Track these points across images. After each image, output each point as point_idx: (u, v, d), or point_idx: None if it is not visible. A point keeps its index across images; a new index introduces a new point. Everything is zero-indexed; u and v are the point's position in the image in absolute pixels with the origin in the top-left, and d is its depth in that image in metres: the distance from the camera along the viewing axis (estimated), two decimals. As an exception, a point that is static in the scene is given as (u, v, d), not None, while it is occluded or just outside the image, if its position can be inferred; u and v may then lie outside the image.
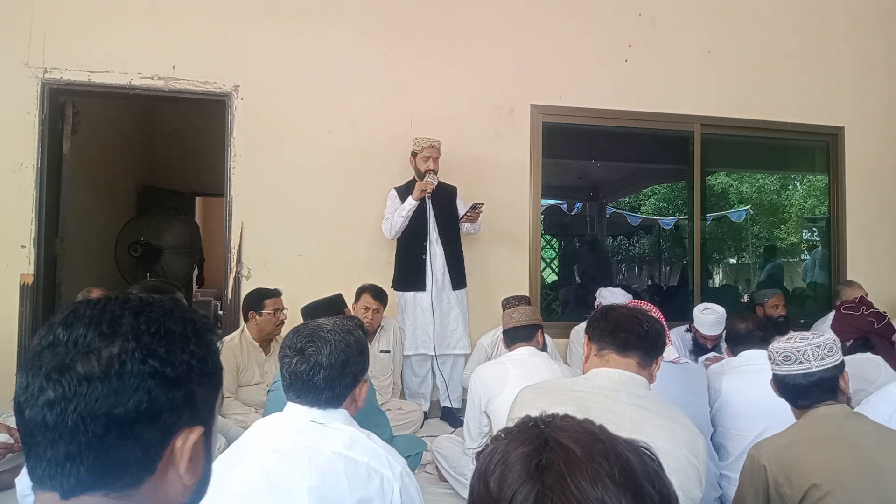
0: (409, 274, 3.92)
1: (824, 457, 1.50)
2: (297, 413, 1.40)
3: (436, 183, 3.84)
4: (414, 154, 3.96)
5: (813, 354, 1.66)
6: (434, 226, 3.93)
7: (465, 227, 4.01)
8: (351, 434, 1.35)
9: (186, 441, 0.64)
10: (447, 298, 3.93)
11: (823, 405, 1.63)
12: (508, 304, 3.98)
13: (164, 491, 0.64)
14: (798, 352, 1.67)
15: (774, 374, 1.72)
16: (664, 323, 2.41)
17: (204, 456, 0.69)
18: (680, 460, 1.25)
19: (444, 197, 4.01)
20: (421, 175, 3.88)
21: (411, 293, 3.92)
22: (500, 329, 4.02)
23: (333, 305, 2.86)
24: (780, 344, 1.72)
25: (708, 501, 2.25)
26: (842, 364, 1.67)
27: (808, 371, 1.65)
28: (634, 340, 1.43)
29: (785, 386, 1.69)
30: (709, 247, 7.63)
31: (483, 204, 3.86)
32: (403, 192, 3.93)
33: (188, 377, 0.65)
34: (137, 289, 2.71)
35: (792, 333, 1.74)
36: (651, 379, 1.46)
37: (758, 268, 8.28)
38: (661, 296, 7.04)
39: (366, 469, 1.30)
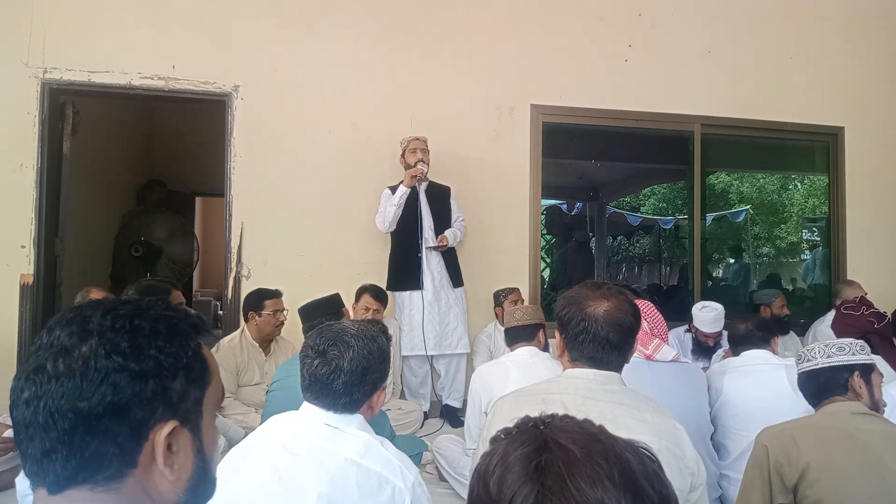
0: (405, 273, 3.91)
1: (822, 441, 1.54)
2: (312, 414, 1.38)
3: (426, 170, 3.87)
4: (402, 154, 3.99)
5: (820, 352, 1.74)
6: (430, 224, 3.93)
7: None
8: (365, 441, 1.33)
9: (159, 435, 0.65)
10: (446, 297, 3.93)
11: (834, 401, 1.66)
12: (501, 295, 4.02)
13: (153, 487, 0.65)
14: (808, 350, 1.77)
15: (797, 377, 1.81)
16: (662, 320, 2.42)
17: (193, 453, 0.68)
18: (663, 452, 1.25)
19: (439, 196, 4.02)
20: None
21: (407, 293, 3.92)
22: (496, 322, 4.06)
23: (330, 305, 2.85)
24: (809, 348, 1.81)
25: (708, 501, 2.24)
26: (855, 366, 1.70)
27: (813, 368, 1.72)
28: (608, 358, 1.39)
29: (800, 385, 1.78)
30: (709, 247, 7.62)
31: (446, 240, 3.87)
32: (395, 189, 3.94)
33: (157, 371, 0.65)
34: (133, 289, 2.70)
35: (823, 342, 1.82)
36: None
37: (728, 269, 8.17)
38: (661, 296, 7.05)
39: (377, 478, 1.28)
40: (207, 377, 0.72)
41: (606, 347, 1.38)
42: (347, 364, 1.38)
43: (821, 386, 1.70)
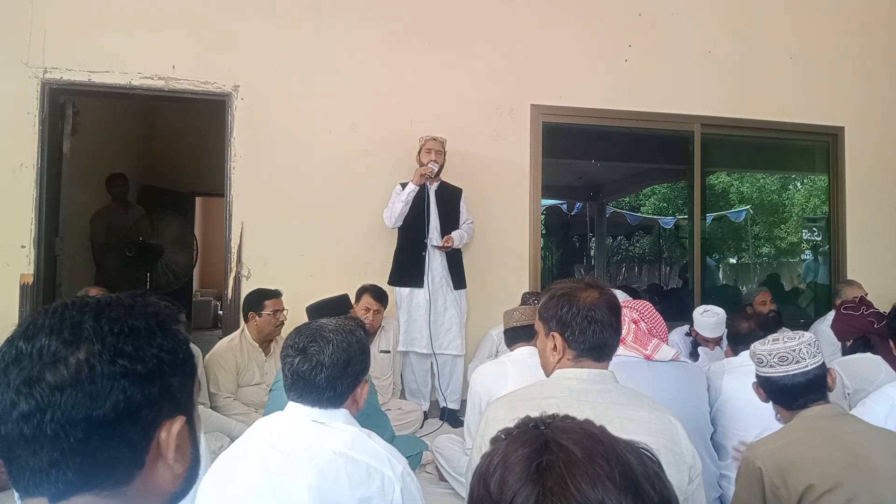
0: (408, 270, 3.92)
1: (819, 456, 1.49)
2: (298, 412, 1.40)
3: (436, 169, 3.89)
4: (419, 151, 4.01)
5: (807, 352, 1.65)
6: (437, 223, 3.94)
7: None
8: (352, 433, 1.35)
9: (170, 432, 0.65)
10: (444, 298, 3.93)
11: (815, 405, 1.63)
12: (526, 300, 3.98)
13: (154, 483, 0.65)
14: (794, 351, 1.65)
15: (767, 377, 1.69)
16: (661, 319, 2.42)
17: (190, 442, 0.70)
18: (661, 451, 1.25)
19: (449, 197, 4.04)
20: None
21: (408, 289, 3.92)
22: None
23: (339, 306, 2.87)
24: (769, 346, 1.69)
25: (708, 501, 2.24)
26: (826, 363, 1.69)
27: (805, 369, 1.63)
28: (612, 342, 1.44)
29: (779, 388, 1.66)
30: (709, 247, 7.59)
31: (451, 241, 3.88)
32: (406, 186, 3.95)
33: (160, 370, 0.65)
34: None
35: (774, 335, 1.73)
36: None
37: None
38: (661, 296, 7.04)
39: (366, 468, 1.30)
40: (195, 368, 0.73)
41: (610, 331, 1.43)
42: (328, 358, 1.39)
43: (809, 387, 1.63)
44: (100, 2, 3.90)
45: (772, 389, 1.69)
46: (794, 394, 1.65)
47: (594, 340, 1.41)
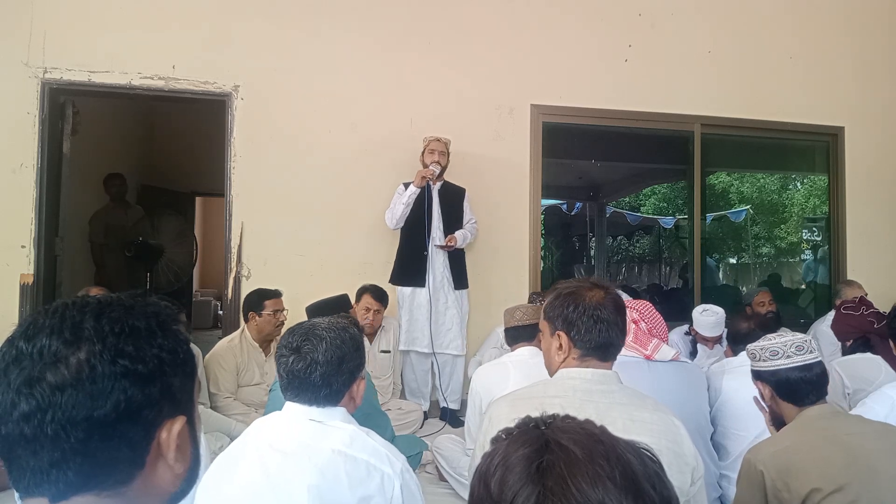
0: (409, 269, 3.92)
1: (820, 458, 1.48)
2: (295, 412, 1.40)
3: (437, 172, 3.89)
4: (422, 152, 4.01)
5: (815, 345, 1.66)
6: (439, 223, 3.94)
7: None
8: (350, 432, 1.35)
9: (171, 432, 0.65)
10: (444, 297, 3.94)
11: (817, 404, 1.62)
12: (534, 300, 3.99)
13: (154, 483, 0.65)
14: (806, 342, 1.65)
15: (783, 370, 1.65)
16: (661, 320, 2.42)
17: (190, 442, 0.70)
18: (663, 452, 1.25)
19: (452, 197, 4.04)
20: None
21: (409, 289, 3.93)
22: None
23: (339, 306, 2.87)
24: (778, 339, 1.68)
25: (708, 502, 2.24)
26: None
27: (818, 359, 1.64)
28: (617, 341, 1.45)
29: (795, 381, 1.63)
30: (709, 247, 7.59)
31: (454, 240, 3.88)
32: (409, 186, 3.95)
33: (161, 370, 0.65)
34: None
35: (770, 335, 1.72)
36: None
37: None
38: (661, 296, 7.04)
39: (365, 466, 1.30)
40: (195, 368, 0.73)
41: (615, 331, 1.43)
42: (322, 356, 1.39)
43: (821, 380, 1.62)
44: (100, 2, 3.90)
45: (786, 384, 1.65)
46: (808, 386, 1.63)
47: (600, 339, 1.41)
